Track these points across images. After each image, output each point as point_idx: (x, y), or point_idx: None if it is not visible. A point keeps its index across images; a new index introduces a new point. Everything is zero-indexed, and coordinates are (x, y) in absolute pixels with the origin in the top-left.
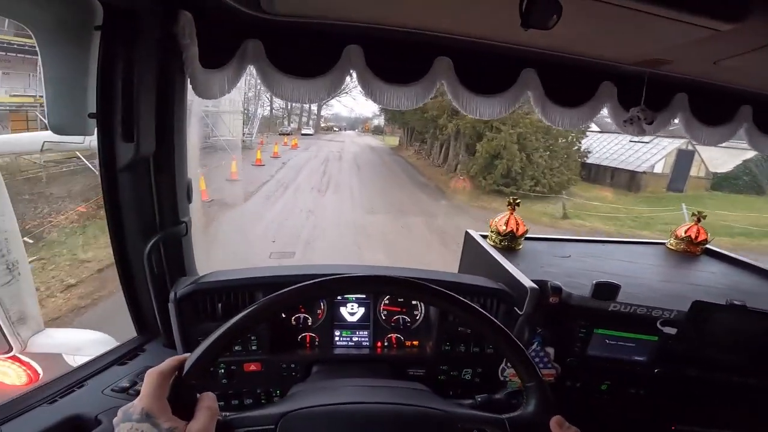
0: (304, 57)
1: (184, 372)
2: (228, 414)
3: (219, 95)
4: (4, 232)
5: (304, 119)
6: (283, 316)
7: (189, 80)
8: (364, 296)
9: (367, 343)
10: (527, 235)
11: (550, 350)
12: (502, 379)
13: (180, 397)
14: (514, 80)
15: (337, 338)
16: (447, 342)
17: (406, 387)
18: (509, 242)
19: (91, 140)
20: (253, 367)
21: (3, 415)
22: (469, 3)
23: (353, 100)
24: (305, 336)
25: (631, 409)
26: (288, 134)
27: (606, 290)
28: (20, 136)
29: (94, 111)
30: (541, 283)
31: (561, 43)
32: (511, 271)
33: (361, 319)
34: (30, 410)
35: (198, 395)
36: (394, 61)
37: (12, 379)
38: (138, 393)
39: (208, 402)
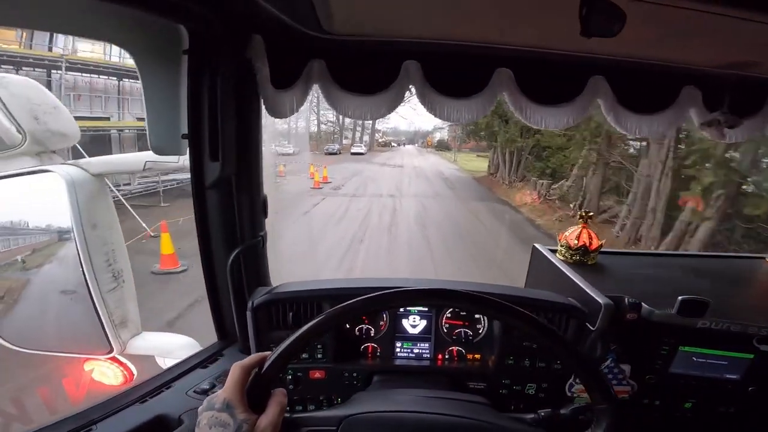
0: (365, 74)
1: (264, 368)
2: (294, 414)
3: (289, 114)
4: (111, 244)
5: (358, 134)
6: (347, 326)
7: (262, 101)
8: (426, 309)
9: (428, 355)
10: (603, 250)
11: (626, 367)
12: (569, 394)
13: (256, 391)
14: (581, 89)
15: (398, 349)
16: (510, 356)
17: (466, 400)
18: (581, 257)
19: (185, 159)
20: (317, 374)
21: (100, 414)
22: (527, 14)
23: (413, 110)
24: (367, 346)
25: (719, 428)
26: (334, 153)
27: (693, 307)
28: (126, 156)
29: (186, 132)
30: (616, 299)
31: (632, 49)
32: (582, 285)
33: (422, 332)
34: (123, 409)
35: (272, 391)
36: (452, 74)
37: (110, 379)
38: None
39: (279, 398)
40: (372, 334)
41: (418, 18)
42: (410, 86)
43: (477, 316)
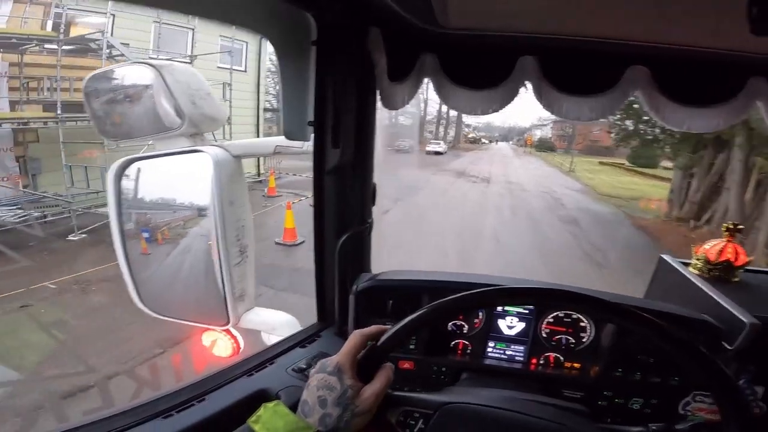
0: (478, 69)
1: (381, 341)
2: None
3: (400, 106)
4: (242, 220)
5: (442, 129)
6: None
7: (378, 92)
8: (526, 311)
9: (521, 358)
10: (750, 267)
11: (759, 389)
12: (681, 412)
13: (368, 362)
14: (738, 89)
15: (490, 349)
16: (620, 368)
17: (567, 407)
18: (722, 272)
19: (308, 145)
20: (406, 365)
21: (213, 384)
22: (675, 11)
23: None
24: (458, 343)
25: None
26: (405, 152)
27: None
28: (260, 140)
29: (312, 119)
30: (765, 320)
31: None
32: (722, 302)
33: (519, 334)
34: (232, 381)
35: (382, 365)
36: (574, 71)
37: (220, 350)
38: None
39: (387, 371)
40: (465, 331)
41: (538, 13)
42: (525, 82)
43: (583, 324)
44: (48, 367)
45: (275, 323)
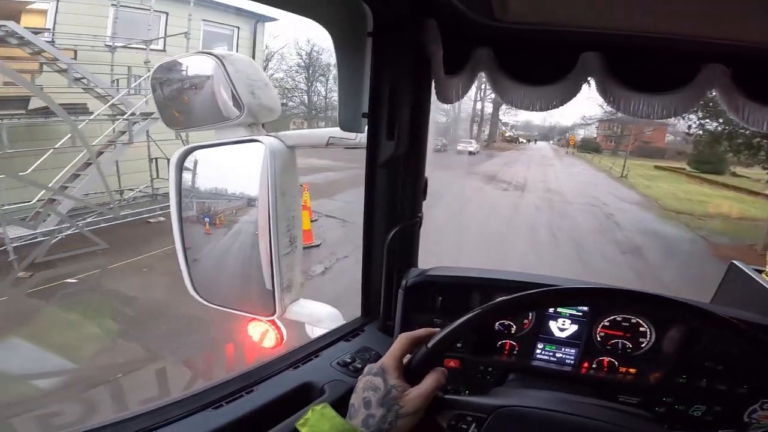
0: (537, 64)
1: (431, 343)
2: (445, 394)
3: (454, 100)
4: (293, 211)
5: (476, 126)
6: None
7: (434, 85)
8: (579, 314)
9: (571, 362)
10: None
11: None
12: (746, 420)
13: (418, 364)
14: None
15: (538, 351)
16: (684, 374)
17: (627, 410)
18: None
19: (361, 137)
20: (452, 363)
21: (261, 375)
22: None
23: None
24: (505, 343)
25: None
26: (435, 150)
27: None
28: (314, 131)
29: (366, 111)
30: None
31: None
32: None
33: (570, 337)
34: (279, 373)
35: (434, 369)
36: (644, 68)
37: (266, 341)
38: (356, 369)
39: (437, 374)
40: (512, 332)
41: (604, 8)
42: (588, 79)
43: (642, 329)
44: None
45: (320, 315)
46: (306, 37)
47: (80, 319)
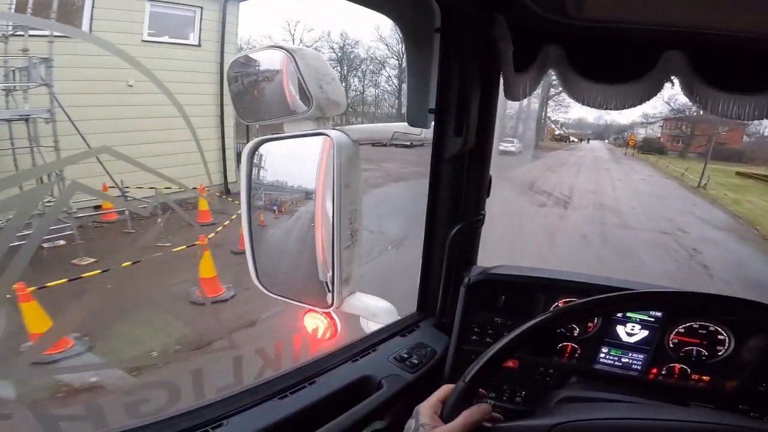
0: (613, 62)
1: (467, 377)
2: (495, 424)
3: (522, 97)
4: (355, 204)
5: (520, 125)
6: None
7: (502, 82)
8: (651, 319)
9: (639, 367)
10: None
11: None
12: None
13: (451, 402)
14: None
15: (602, 355)
16: (764, 382)
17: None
18: None
19: (426, 133)
20: (510, 363)
21: (322, 367)
22: None
23: None
24: (566, 345)
25: None
26: None
27: None
28: (379, 126)
29: (433, 107)
30: None
31: None
32: None
33: (639, 342)
34: (339, 366)
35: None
36: (734, 68)
37: (322, 333)
38: (413, 365)
39: (472, 411)
40: (575, 334)
41: (690, 5)
42: (672, 78)
43: (721, 336)
44: None
45: (376, 310)
46: (340, 29)
47: None
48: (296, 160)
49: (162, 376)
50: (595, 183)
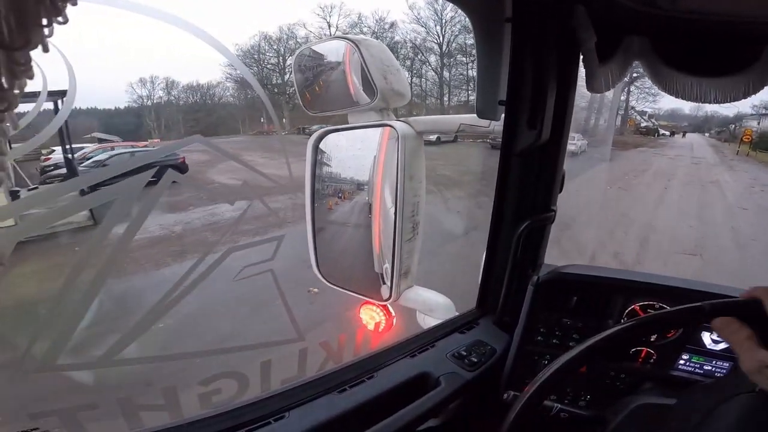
0: (710, 55)
1: (522, 399)
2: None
3: (605, 90)
4: (418, 197)
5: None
6: None
7: (584, 73)
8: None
9: (723, 375)
10: None
11: None
12: None
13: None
14: None
15: (682, 362)
16: None
17: None
18: None
19: (495, 125)
20: None
21: (380, 362)
22: None
23: None
24: (641, 350)
25: None
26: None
27: None
28: (444, 117)
29: (503, 98)
30: None
31: None
32: None
33: (726, 350)
34: (396, 361)
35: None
36: None
37: (378, 325)
38: (471, 363)
39: None
40: (651, 339)
41: None
42: None
43: None
44: None
45: (433, 305)
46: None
47: None
48: (356, 151)
49: None
50: (697, 217)
